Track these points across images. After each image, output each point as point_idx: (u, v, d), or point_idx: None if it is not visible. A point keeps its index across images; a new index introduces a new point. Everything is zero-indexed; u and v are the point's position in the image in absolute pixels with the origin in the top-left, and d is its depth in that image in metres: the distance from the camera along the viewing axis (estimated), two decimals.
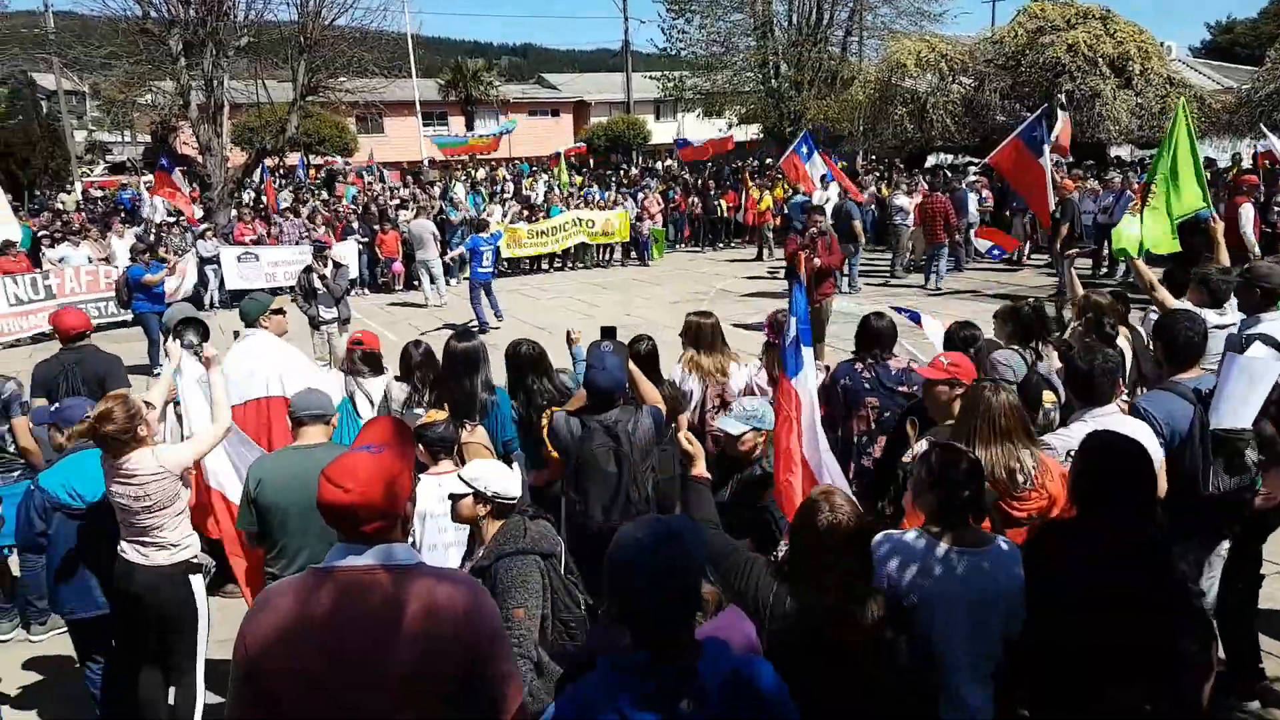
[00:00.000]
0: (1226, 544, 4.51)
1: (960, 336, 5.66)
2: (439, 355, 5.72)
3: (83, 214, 26.33)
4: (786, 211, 18.22)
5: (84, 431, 4.26)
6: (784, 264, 17.87)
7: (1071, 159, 22.30)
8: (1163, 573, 3.19)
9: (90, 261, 17.83)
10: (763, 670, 2.28)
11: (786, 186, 20.98)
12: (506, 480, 3.87)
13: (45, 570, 5.49)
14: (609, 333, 4.99)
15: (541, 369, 5.72)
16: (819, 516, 2.92)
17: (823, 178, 18.22)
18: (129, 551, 4.46)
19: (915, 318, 6.93)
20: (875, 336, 5.55)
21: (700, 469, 3.71)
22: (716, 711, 2.13)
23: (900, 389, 5.36)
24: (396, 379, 5.99)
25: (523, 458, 5.52)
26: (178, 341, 5.49)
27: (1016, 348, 5.54)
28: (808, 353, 4.23)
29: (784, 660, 2.83)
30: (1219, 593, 4.55)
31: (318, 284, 11.77)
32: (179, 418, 5.58)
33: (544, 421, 5.23)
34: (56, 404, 5.36)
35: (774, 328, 5.83)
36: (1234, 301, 5.75)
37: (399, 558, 2.34)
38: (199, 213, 21.62)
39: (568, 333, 6.38)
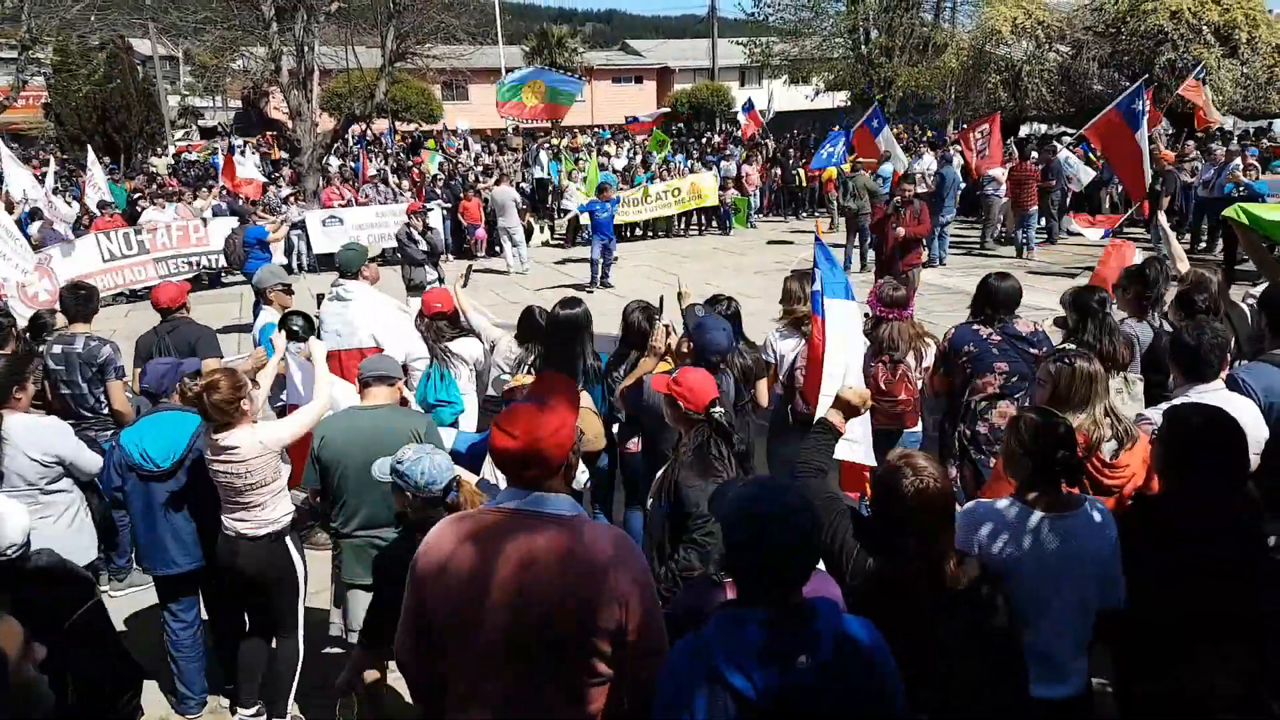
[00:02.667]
0: None
1: (1091, 302, 5.10)
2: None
3: (175, 178, 27.07)
4: (850, 184, 17.88)
5: (191, 399, 4.34)
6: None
7: (1172, 130, 21.49)
8: (1251, 544, 3.11)
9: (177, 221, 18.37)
10: (868, 629, 2.35)
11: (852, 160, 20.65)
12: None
13: (126, 527, 5.76)
14: (713, 301, 5.03)
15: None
16: (904, 482, 2.85)
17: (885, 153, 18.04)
18: (232, 526, 4.54)
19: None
20: (998, 298, 5.29)
21: (837, 419, 3.76)
22: (830, 668, 2.19)
23: (1032, 351, 5.11)
24: (516, 337, 6.02)
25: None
26: (282, 333, 5.62)
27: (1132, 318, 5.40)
28: (834, 304, 4.67)
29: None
30: None
31: (418, 241, 11.99)
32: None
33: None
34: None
35: (883, 302, 5.63)
36: None
37: (557, 507, 2.49)
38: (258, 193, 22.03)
39: (679, 293, 6.29)
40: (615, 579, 2.41)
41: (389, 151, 32.47)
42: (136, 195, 21.17)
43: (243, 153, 25.74)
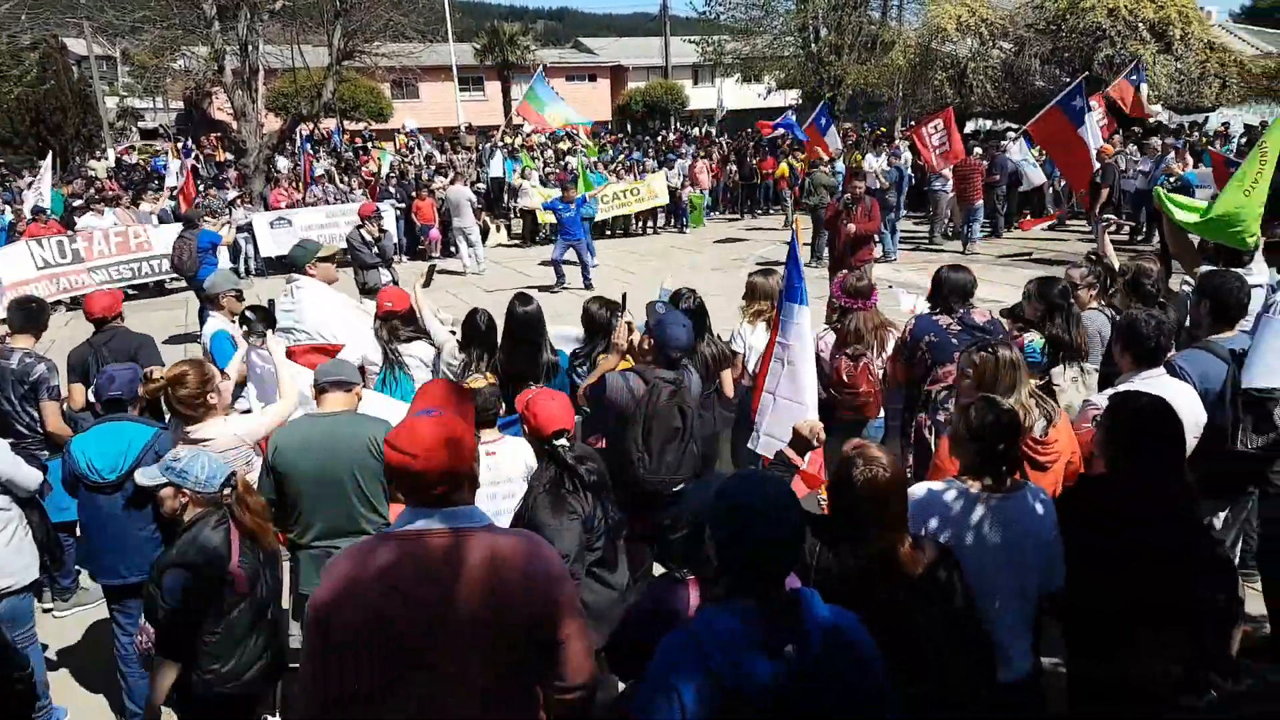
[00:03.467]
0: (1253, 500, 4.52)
1: (1054, 293, 5.24)
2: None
3: (115, 181, 26.50)
4: (808, 181, 18.12)
5: (154, 391, 4.27)
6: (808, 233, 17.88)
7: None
8: (1188, 529, 3.23)
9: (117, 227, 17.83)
10: (853, 621, 2.36)
11: (804, 156, 20.89)
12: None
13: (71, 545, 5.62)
14: (675, 297, 5.12)
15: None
16: (854, 472, 2.93)
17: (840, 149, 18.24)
18: None
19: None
20: (954, 289, 5.38)
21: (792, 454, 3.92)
22: (819, 658, 2.21)
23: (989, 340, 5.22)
24: (458, 342, 5.96)
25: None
26: (244, 328, 5.57)
27: (1095, 307, 5.54)
28: (793, 308, 4.63)
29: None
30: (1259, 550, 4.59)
31: (367, 246, 11.90)
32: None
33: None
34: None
35: (846, 292, 5.73)
36: (1261, 261, 5.70)
37: (466, 519, 2.40)
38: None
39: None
40: (542, 579, 2.39)
41: (340, 151, 32.13)
42: (74, 200, 20.66)
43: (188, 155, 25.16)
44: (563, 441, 3.84)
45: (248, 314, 5.71)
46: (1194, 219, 6.19)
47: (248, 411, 5.55)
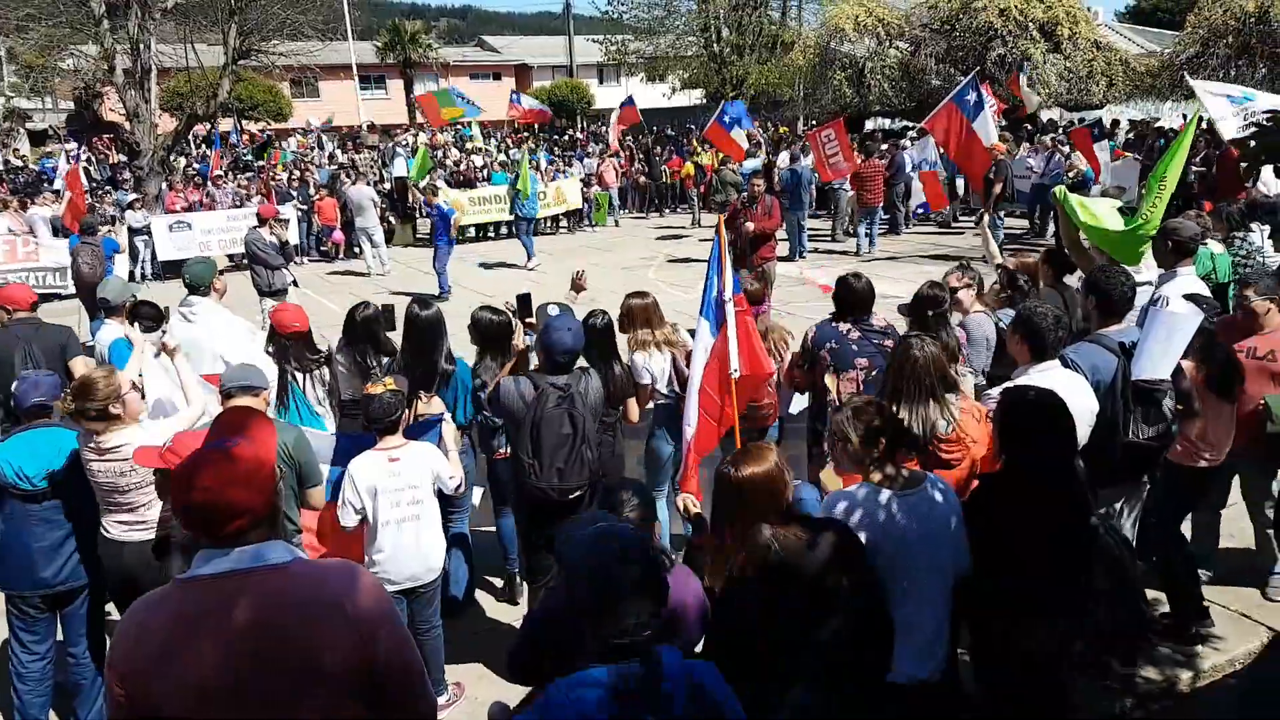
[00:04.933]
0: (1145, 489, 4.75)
1: (927, 296, 5.47)
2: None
3: (4, 185, 25.44)
4: (715, 180, 18.40)
5: (67, 408, 4.19)
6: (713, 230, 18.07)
7: (1005, 122, 22.70)
8: (1081, 516, 3.39)
9: (11, 233, 17.18)
10: (713, 674, 2.25)
11: (715, 155, 21.11)
12: None
13: None
14: (524, 300, 5.08)
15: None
16: (730, 472, 3.07)
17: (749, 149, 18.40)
18: (114, 530, 4.42)
19: None
20: (856, 297, 5.44)
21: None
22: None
23: (887, 344, 5.24)
24: (340, 347, 5.87)
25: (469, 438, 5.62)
26: (137, 325, 5.43)
27: (981, 309, 5.65)
28: (700, 320, 4.55)
29: (739, 605, 2.98)
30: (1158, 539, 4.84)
31: (271, 247, 11.71)
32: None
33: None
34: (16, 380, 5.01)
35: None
36: (1150, 259, 5.97)
37: (269, 557, 2.18)
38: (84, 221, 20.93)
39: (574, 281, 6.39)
40: (358, 613, 2.19)
41: (238, 152, 31.32)
42: None
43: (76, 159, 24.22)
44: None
45: (142, 309, 5.56)
46: (1093, 226, 6.47)
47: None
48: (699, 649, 3.08)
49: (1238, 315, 5.27)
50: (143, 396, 5.11)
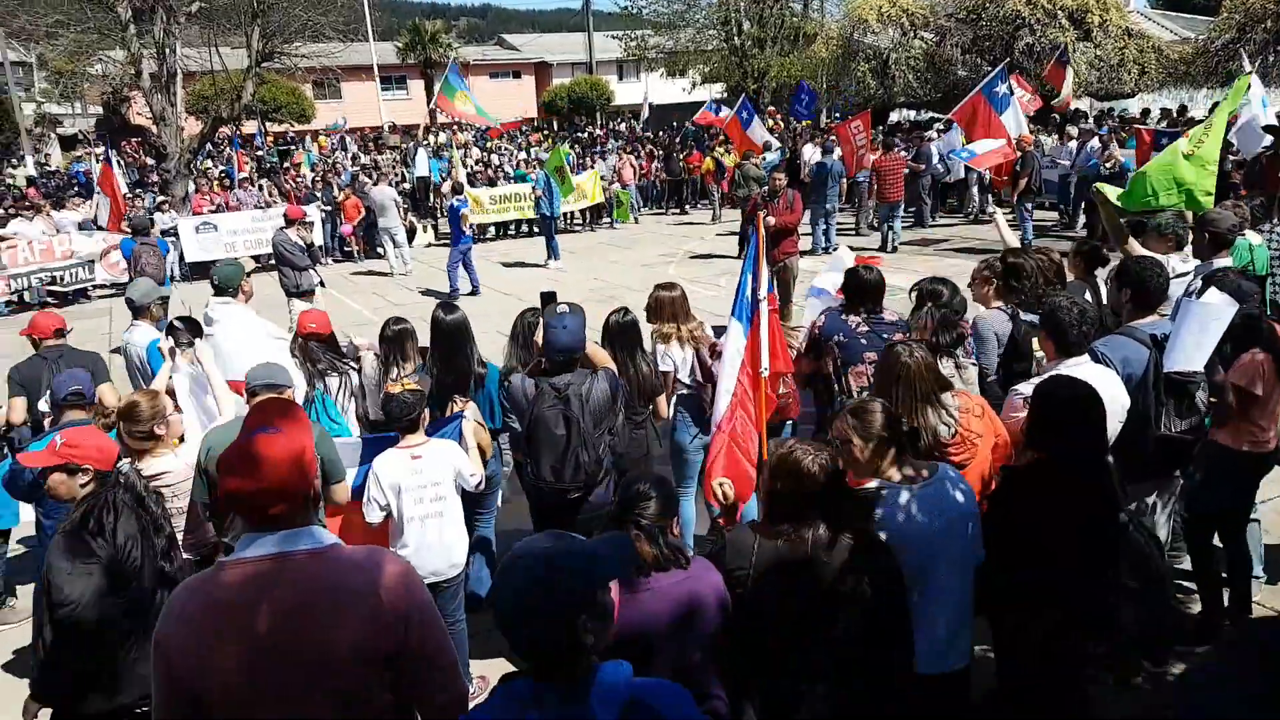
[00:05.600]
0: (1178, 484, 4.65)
1: (927, 290, 5.37)
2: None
3: (35, 189, 25.76)
4: (738, 174, 18.30)
5: (110, 425, 4.25)
6: (737, 225, 18.00)
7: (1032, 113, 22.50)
8: (1111, 510, 3.32)
9: (45, 234, 17.59)
10: (669, 697, 2.10)
11: (733, 151, 21.02)
12: None
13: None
14: (548, 298, 4.96)
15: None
16: (804, 461, 3.01)
17: (766, 143, 18.23)
18: None
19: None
20: (866, 290, 5.38)
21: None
22: None
23: (898, 337, 5.07)
24: (376, 355, 5.88)
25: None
26: (170, 341, 5.49)
27: (999, 305, 5.54)
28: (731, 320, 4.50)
29: (761, 606, 2.97)
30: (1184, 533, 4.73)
31: (298, 249, 11.78)
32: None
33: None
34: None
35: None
36: (1188, 250, 5.87)
37: (309, 541, 2.26)
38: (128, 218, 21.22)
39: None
40: (393, 598, 2.25)
41: (261, 154, 31.54)
42: None
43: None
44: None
45: (175, 324, 5.60)
46: (1124, 195, 6.43)
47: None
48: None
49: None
50: (176, 407, 5.17)
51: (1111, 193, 6.80)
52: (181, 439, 4.71)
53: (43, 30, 22.09)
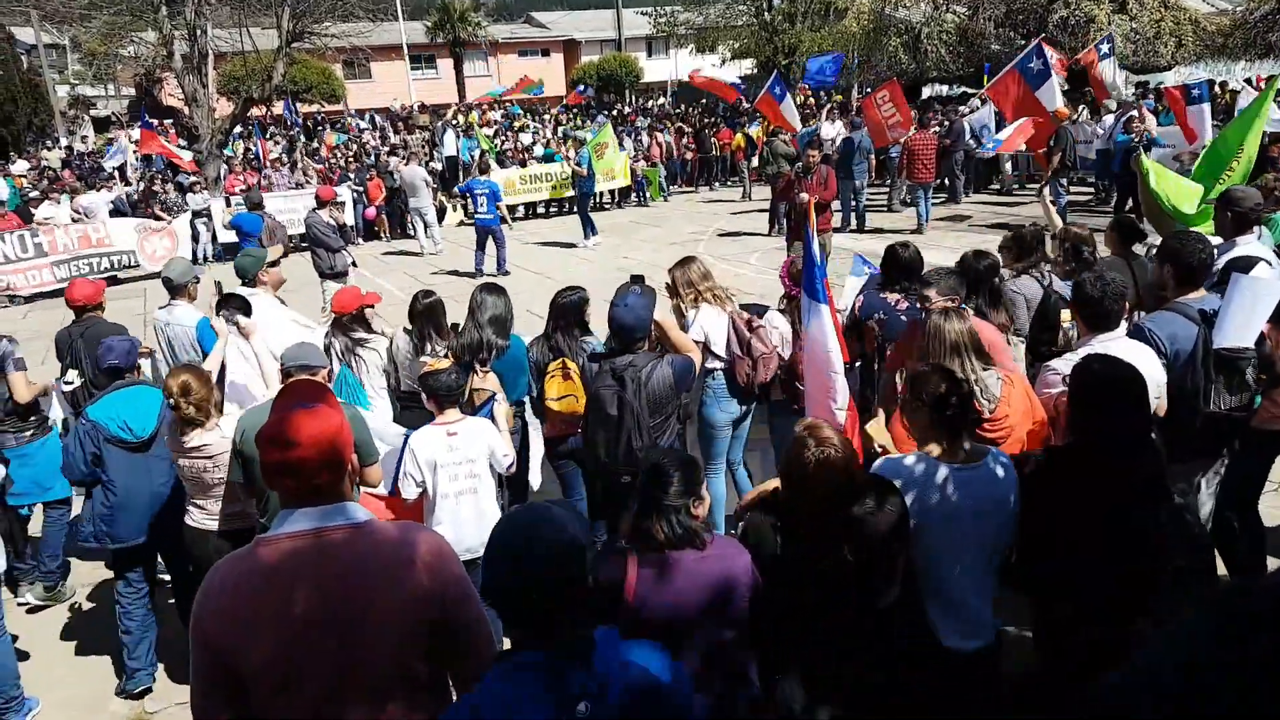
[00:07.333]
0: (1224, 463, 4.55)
1: (980, 267, 5.31)
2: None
3: (69, 170, 26.07)
4: (766, 151, 18.14)
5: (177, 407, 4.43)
6: (767, 202, 17.87)
7: (1067, 86, 22.12)
8: (1158, 496, 3.25)
9: (75, 215, 17.86)
10: (659, 661, 2.13)
11: (767, 126, 20.78)
12: None
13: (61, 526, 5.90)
14: (638, 279, 4.91)
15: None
16: (806, 453, 3.00)
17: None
18: (198, 517, 4.68)
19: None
20: (904, 267, 5.34)
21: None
22: (616, 709, 1.97)
23: None
24: (406, 330, 5.95)
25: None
26: (221, 318, 5.57)
27: (1028, 271, 5.48)
28: (810, 304, 4.32)
29: (779, 590, 3.00)
30: (1215, 512, 4.62)
31: (330, 230, 11.84)
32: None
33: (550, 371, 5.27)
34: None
35: (793, 278, 5.53)
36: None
37: (345, 516, 2.28)
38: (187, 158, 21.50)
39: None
40: (429, 571, 2.27)
41: (293, 134, 31.64)
42: (31, 194, 20.32)
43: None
44: None
45: (222, 304, 5.68)
46: (1163, 197, 6.29)
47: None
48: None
49: None
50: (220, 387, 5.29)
51: (1151, 166, 6.66)
52: (220, 410, 4.80)
53: (76, 12, 22.30)
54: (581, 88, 26.73)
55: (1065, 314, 5.00)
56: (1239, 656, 0.95)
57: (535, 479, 5.99)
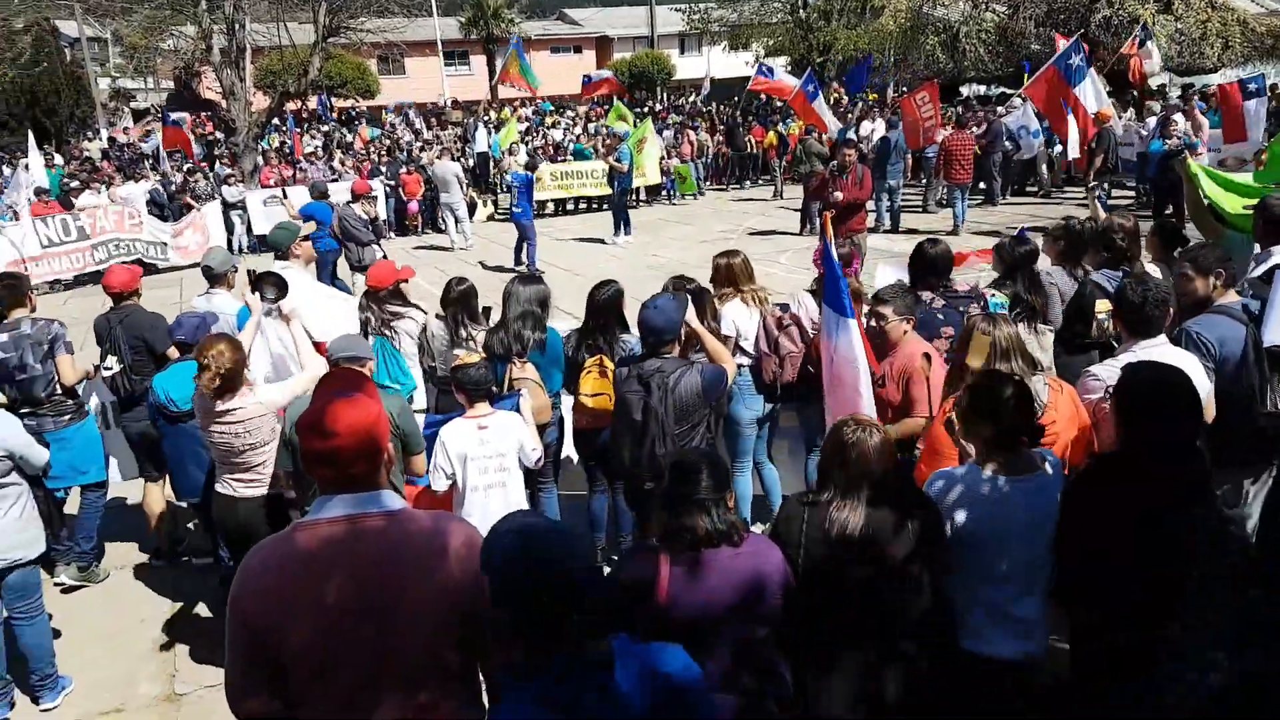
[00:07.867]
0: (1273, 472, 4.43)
1: (1018, 254, 5.45)
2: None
3: (108, 161, 26.40)
4: (800, 150, 18.02)
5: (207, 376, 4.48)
6: (798, 201, 17.73)
7: (1110, 88, 21.83)
8: (1198, 502, 3.14)
9: (112, 202, 18.18)
10: (673, 658, 2.11)
11: (802, 125, 20.64)
12: None
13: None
14: (680, 283, 4.90)
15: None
16: (845, 436, 3.05)
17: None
18: (229, 485, 4.73)
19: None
20: (933, 264, 5.29)
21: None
22: (637, 715, 1.97)
23: (974, 310, 4.98)
24: (439, 316, 5.98)
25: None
26: (257, 295, 5.65)
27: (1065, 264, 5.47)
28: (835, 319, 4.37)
29: (814, 587, 3.01)
30: (1261, 520, 4.50)
31: (362, 223, 11.92)
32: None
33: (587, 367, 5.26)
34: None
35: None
36: None
37: (381, 504, 2.30)
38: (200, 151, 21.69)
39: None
40: (461, 560, 2.27)
41: (327, 129, 31.84)
42: (72, 183, 20.60)
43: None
44: None
45: (258, 282, 5.72)
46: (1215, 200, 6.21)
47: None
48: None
49: None
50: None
51: (1198, 170, 6.56)
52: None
53: (118, 6, 22.61)
54: (586, 79, 26.52)
55: (1102, 303, 4.93)
56: None
57: (572, 454, 5.96)
